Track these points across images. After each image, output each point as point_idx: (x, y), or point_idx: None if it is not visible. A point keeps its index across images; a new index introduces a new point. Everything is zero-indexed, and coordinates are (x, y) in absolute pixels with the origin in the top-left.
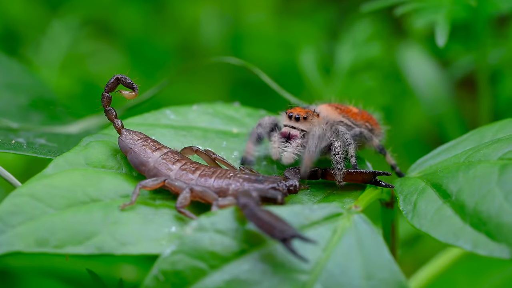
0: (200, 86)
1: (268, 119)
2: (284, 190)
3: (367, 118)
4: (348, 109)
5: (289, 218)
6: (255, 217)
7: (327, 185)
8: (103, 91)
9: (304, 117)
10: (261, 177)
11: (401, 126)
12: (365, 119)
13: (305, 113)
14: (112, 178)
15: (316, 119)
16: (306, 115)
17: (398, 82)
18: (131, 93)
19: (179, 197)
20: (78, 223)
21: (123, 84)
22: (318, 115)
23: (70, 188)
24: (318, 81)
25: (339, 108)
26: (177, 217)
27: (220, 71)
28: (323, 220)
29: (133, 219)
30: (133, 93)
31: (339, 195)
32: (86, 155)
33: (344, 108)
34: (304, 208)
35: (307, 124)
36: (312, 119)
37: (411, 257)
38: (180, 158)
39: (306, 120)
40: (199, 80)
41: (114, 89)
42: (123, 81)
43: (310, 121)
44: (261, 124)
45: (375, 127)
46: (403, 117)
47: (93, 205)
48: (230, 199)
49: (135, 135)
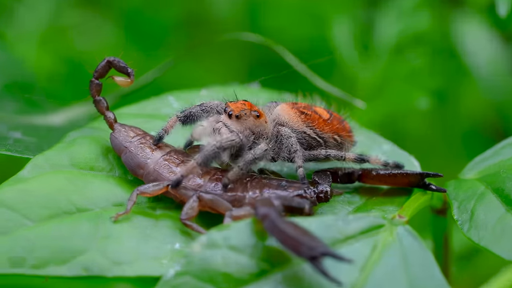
0: (210, 64)
1: (215, 104)
2: (312, 198)
3: (337, 128)
4: (315, 116)
5: (319, 232)
6: (278, 230)
7: (366, 190)
8: (92, 77)
9: (237, 115)
10: (284, 182)
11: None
12: (334, 129)
13: (240, 110)
14: (102, 183)
15: (254, 121)
16: (239, 114)
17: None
18: (125, 80)
19: (185, 207)
20: (61, 238)
21: (116, 68)
22: (258, 116)
23: (51, 195)
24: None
25: (304, 112)
26: (182, 231)
27: (234, 47)
28: (360, 234)
29: (128, 233)
30: (128, 79)
31: (379, 202)
32: (71, 154)
33: (310, 114)
34: (337, 219)
35: (240, 125)
36: (246, 120)
37: (468, 275)
38: (186, 158)
39: (239, 120)
40: (208, 58)
41: (105, 74)
42: (116, 65)
43: (244, 122)
44: (203, 105)
45: (345, 138)
46: (457, 102)
47: (79, 216)
48: (247, 209)
49: (130, 131)
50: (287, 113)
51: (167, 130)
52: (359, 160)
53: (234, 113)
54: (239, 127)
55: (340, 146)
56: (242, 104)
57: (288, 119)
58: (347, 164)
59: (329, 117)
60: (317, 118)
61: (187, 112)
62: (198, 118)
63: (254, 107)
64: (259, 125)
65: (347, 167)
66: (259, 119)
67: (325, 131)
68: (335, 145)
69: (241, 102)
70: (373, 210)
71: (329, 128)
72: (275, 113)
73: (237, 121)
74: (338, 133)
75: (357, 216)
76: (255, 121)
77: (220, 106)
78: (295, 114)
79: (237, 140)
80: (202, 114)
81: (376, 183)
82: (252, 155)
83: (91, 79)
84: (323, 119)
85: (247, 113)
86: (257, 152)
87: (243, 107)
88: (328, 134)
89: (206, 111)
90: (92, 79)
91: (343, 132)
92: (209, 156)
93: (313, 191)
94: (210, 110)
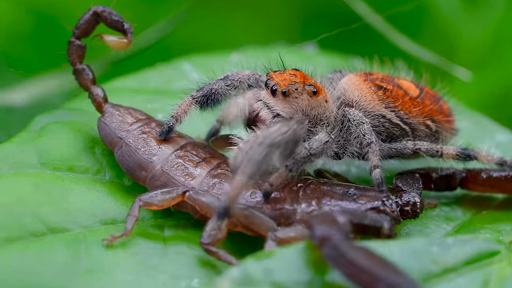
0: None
1: (245, 75)
2: (394, 213)
3: (430, 110)
4: (399, 92)
5: (404, 262)
6: (344, 260)
7: (472, 201)
8: (72, 37)
9: (284, 91)
10: (353, 189)
11: None
12: (426, 112)
13: (289, 84)
14: (86, 191)
15: (308, 100)
16: (287, 89)
17: None
18: (120, 40)
19: (208, 226)
20: (24, 273)
21: (106, 23)
22: (314, 92)
23: (10, 208)
24: (455, 8)
25: (382, 87)
26: (203, 260)
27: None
28: (464, 265)
29: (124, 263)
30: (123, 39)
31: (491, 218)
32: (40, 149)
33: (392, 90)
34: (431, 243)
35: (289, 105)
36: (298, 98)
37: None
38: (209, 155)
39: (287, 98)
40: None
41: (91, 32)
42: (106, 18)
43: (294, 102)
44: (228, 78)
45: (442, 125)
46: None
47: (52, 239)
48: (298, 229)
49: (128, 115)
50: (357, 87)
51: (179, 118)
52: (463, 157)
53: (279, 89)
54: (288, 108)
55: (434, 137)
56: (291, 75)
57: (359, 97)
58: (445, 162)
59: (419, 93)
60: (401, 95)
61: (207, 89)
62: (223, 97)
63: (309, 79)
64: (317, 106)
65: (445, 167)
66: (317, 97)
67: (413, 114)
68: (428, 135)
69: (289, 72)
70: (483, 230)
71: (418, 110)
72: (339, 88)
73: (285, 100)
74: (432, 117)
75: (460, 239)
76: (311, 100)
77: (253, 78)
78: (369, 89)
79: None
80: (228, 92)
81: (487, 190)
82: (307, 150)
83: (70, 39)
84: (410, 96)
85: (298, 88)
86: (314, 146)
87: (293, 80)
88: (417, 119)
89: (233, 87)
90: (72, 39)
91: (440, 115)
92: (261, 162)
93: (395, 203)
94: (239, 85)
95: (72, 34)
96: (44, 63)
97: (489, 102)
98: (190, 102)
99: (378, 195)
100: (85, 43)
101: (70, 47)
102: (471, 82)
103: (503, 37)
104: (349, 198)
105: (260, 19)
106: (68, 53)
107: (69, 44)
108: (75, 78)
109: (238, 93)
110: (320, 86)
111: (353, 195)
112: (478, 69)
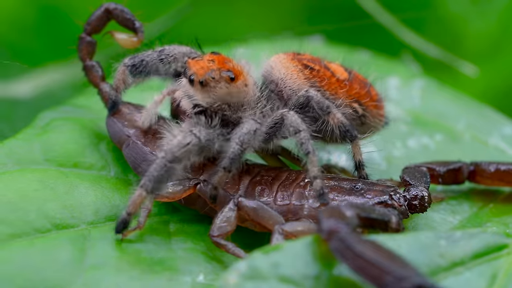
0: (249, 8)
1: (181, 52)
2: (402, 207)
3: (357, 93)
4: (326, 72)
5: (412, 256)
6: (352, 253)
7: (479, 195)
8: (83, 32)
9: (201, 81)
10: (361, 184)
11: None
12: (354, 94)
13: (206, 73)
14: (91, 187)
15: (227, 87)
16: (203, 79)
17: None
18: (130, 38)
19: (217, 218)
20: (29, 269)
21: (118, 21)
22: (232, 78)
23: (15, 204)
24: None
25: (307, 65)
26: (209, 255)
27: None
28: (472, 259)
29: (129, 259)
30: (133, 37)
31: (498, 211)
32: (45, 145)
33: (318, 70)
34: (438, 237)
35: (207, 93)
36: (216, 86)
37: None
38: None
39: (206, 87)
40: None
41: (102, 28)
42: (118, 16)
43: (213, 90)
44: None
45: (370, 110)
46: None
47: (57, 236)
48: (305, 224)
49: (136, 112)
50: (284, 65)
51: (118, 88)
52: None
53: (196, 78)
54: (207, 98)
55: (361, 120)
56: (209, 61)
57: (284, 75)
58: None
59: (348, 77)
60: (328, 76)
61: (138, 60)
62: (154, 69)
63: (228, 63)
64: (237, 92)
65: None
66: (235, 83)
67: (339, 95)
68: (354, 118)
69: (207, 58)
70: (489, 223)
71: (345, 92)
72: (266, 66)
73: (203, 90)
74: (359, 100)
75: (467, 233)
76: (230, 86)
77: (188, 55)
78: (295, 67)
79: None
80: (159, 66)
81: (496, 184)
82: (239, 145)
83: (80, 35)
84: (338, 78)
85: (215, 77)
86: (245, 139)
87: (210, 67)
88: (343, 101)
89: (166, 62)
90: (83, 35)
91: (367, 99)
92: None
93: (403, 197)
94: (172, 61)
95: (83, 30)
96: (49, 55)
97: (495, 95)
98: (124, 70)
99: (386, 190)
100: (95, 40)
101: (80, 43)
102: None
103: (508, 30)
104: (356, 193)
105: (267, 11)
106: (78, 49)
107: (80, 40)
108: (84, 74)
109: (170, 68)
110: (239, 70)
111: (361, 189)
112: (484, 62)
